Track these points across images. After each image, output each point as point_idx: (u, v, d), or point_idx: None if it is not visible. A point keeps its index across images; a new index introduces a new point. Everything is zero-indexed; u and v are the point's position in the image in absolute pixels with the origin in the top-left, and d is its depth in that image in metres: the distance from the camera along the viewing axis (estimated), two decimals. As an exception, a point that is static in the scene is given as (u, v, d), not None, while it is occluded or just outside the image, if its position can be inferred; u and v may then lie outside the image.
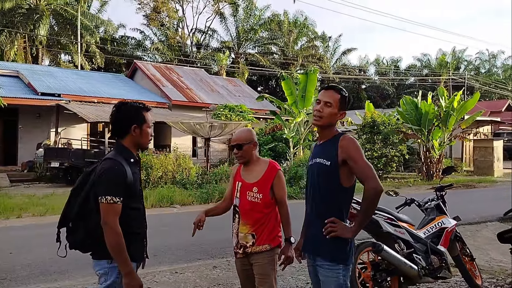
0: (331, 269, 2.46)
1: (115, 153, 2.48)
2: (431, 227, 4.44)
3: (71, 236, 2.47)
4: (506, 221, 10.69)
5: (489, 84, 43.99)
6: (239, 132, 3.16)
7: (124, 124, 2.50)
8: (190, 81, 24.59)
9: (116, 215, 2.32)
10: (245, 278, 3.11)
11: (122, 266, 2.33)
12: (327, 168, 2.46)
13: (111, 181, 2.34)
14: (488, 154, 21.62)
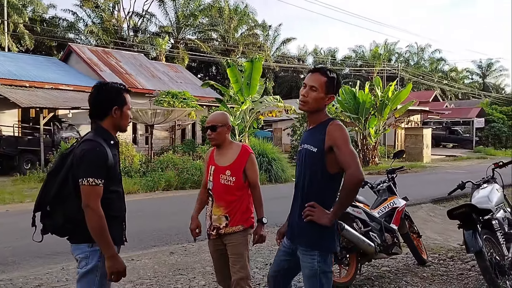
0: (306, 254, 2.45)
1: (94, 135, 2.40)
2: (384, 207, 4.73)
3: (48, 220, 2.38)
4: (438, 203, 11.59)
5: (417, 76, 46.73)
6: (215, 114, 3.18)
7: (104, 106, 2.43)
8: (130, 66, 23.77)
9: (98, 197, 2.27)
10: (218, 258, 3.17)
11: (105, 249, 2.28)
12: (314, 154, 2.41)
13: (93, 162, 2.28)
14: (418, 141, 23.11)
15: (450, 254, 5.31)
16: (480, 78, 59.56)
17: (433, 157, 24.51)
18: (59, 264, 5.34)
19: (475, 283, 4.29)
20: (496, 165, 4.86)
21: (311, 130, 2.53)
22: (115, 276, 2.32)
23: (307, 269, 2.45)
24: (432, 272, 4.68)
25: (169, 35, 38.41)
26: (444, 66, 56.56)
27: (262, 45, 42.90)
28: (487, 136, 34.53)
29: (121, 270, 2.33)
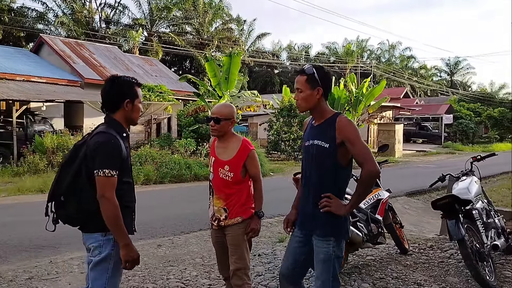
0: (323, 240, 2.57)
1: (107, 127, 2.45)
2: (370, 198, 4.92)
3: (62, 210, 2.43)
4: (412, 196, 12.01)
5: (389, 72, 47.74)
6: (220, 106, 3.16)
7: (117, 99, 2.48)
8: (104, 58, 23.33)
9: (113, 188, 2.32)
10: (218, 248, 3.22)
11: (120, 238, 2.35)
12: (326, 149, 2.50)
13: (108, 154, 2.33)
14: (391, 136, 23.71)
15: (429, 244, 5.56)
16: (448, 76, 61.34)
17: (405, 152, 25.21)
18: (46, 257, 5.31)
19: (455, 269, 4.54)
20: (474, 158, 5.13)
21: (319, 126, 2.60)
22: (130, 264, 2.39)
23: (322, 254, 2.56)
24: (414, 260, 4.91)
25: (142, 27, 37.80)
26: (414, 63, 58.00)
27: (237, 40, 42.82)
28: (455, 132, 35.74)
29: (136, 258, 2.40)
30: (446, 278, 4.30)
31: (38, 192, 10.55)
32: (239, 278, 3.00)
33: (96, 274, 2.42)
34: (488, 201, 4.88)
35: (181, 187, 12.07)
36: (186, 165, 13.44)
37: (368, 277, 4.36)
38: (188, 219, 7.67)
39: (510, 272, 4.39)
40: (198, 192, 11.15)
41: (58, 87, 18.81)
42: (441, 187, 11.90)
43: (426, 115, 37.00)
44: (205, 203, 10.17)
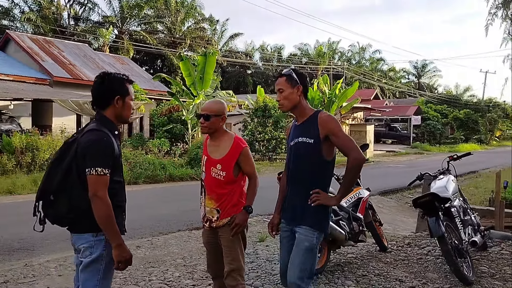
0: (309, 230, 2.67)
1: (99, 125, 2.39)
2: (351, 197, 4.99)
3: (52, 210, 2.35)
4: (385, 195, 12.27)
5: (359, 74, 48.60)
6: (210, 102, 3.09)
7: (107, 95, 2.42)
8: (73, 56, 22.74)
9: (105, 186, 2.27)
10: (210, 250, 3.16)
11: (112, 238, 2.29)
12: (311, 145, 2.63)
13: (100, 152, 2.28)
14: (362, 137, 24.11)
15: (407, 241, 5.69)
16: (416, 78, 62.98)
17: (375, 152, 25.70)
18: (21, 260, 5.12)
19: (433, 266, 4.66)
20: (451, 158, 5.28)
21: (302, 125, 2.74)
22: (122, 265, 2.34)
23: (307, 242, 2.64)
24: (394, 257, 5.01)
25: (113, 25, 37.11)
26: (383, 66, 59.27)
27: (209, 39, 42.62)
28: (423, 133, 36.73)
29: (128, 258, 2.35)
30: (426, 274, 4.41)
31: (6, 193, 10.17)
32: (233, 279, 2.95)
33: (87, 275, 2.35)
34: (464, 199, 5.05)
35: (156, 188, 11.91)
36: (161, 166, 13.26)
37: (351, 274, 4.42)
38: (166, 220, 7.57)
39: (486, 268, 4.55)
40: (173, 193, 11.04)
41: (26, 85, 18.22)
42: (413, 186, 12.25)
43: (396, 116, 37.89)
44: (181, 204, 10.09)
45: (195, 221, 7.46)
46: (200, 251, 5.56)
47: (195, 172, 13.32)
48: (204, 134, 3.14)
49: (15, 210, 8.13)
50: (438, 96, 53.32)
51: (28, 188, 10.29)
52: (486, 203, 10.44)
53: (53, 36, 29.37)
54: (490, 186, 12.97)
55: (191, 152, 14.41)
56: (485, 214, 6.32)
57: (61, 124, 15.99)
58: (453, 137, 38.47)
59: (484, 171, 18.06)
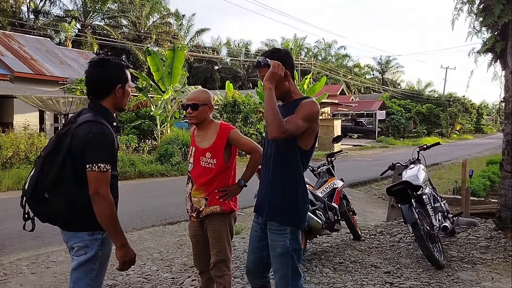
0: (279, 233, 2.45)
1: (97, 116, 2.21)
2: (326, 187, 5.10)
3: (44, 208, 2.18)
4: (354, 187, 12.55)
5: (326, 70, 49.27)
6: (196, 92, 3.04)
7: (108, 84, 2.25)
8: (35, 51, 21.93)
9: (108, 183, 2.13)
10: (196, 242, 3.11)
11: (116, 238, 2.17)
12: None
13: (103, 147, 2.13)
14: (330, 132, 24.52)
15: (379, 230, 5.86)
16: (380, 74, 64.47)
17: (342, 147, 26.14)
18: (-10, 260, 4.94)
19: (406, 252, 4.83)
20: (420, 148, 5.47)
21: (284, 106, 2.51)
22: (127, 265, 2.24)
23: (279, 248, 2.44)
24: (367, 245, 5.16)
25: (75, 19, 36.02)
26: (348, 62, 60.34)
27: (176, 35, 42.10)
28: (387, 127, 37.70)
29: (133, 258, 2.25)
30: (399, 260, 4.56)
31: (-33, 193, 9.74)
32: (219, 270, 2.93)
33: (80, 274, 2.24)
34: (433, 187, 5.25)
35: (126, 184, 11.68)
36: (130, 162, 13.02)
37: (328, 262, 4.52)
38: (139, 216, 7.47)
39: (456, 252, 4.75)
40: (145, 189, 10.88)
41: (-16, 81, 17.44)
42: (381, 178, 12.61)
43: (361, 111, 38.69)
44: (154, 200, 9.96)
45: (169, 216, 7.41)
46: (176, 245, 5.54)
47: (165, 168, 13.17)
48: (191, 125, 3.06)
49: (-21, 210, 7.81)
50: (401, 91, 54.83)
51: (-9, 187, 9.90)
52: (449, 193, 10.89)
53: (12, 30, 28.22)
54: (452, 177, 13.52)
55: (161, 148, 14.22)
56: (451, 202, 6.60)
57: (23, 121, 15.42)
58: (416, 131, 39.69)
59: (447, 163, 18.78)
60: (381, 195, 11.96)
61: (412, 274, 4.13)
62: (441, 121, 40.99)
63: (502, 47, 5.21)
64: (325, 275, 4.15)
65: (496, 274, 4.16)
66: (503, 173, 5.41)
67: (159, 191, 10.36)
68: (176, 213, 7.38)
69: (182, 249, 5.27)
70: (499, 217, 5.38)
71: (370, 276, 4.08)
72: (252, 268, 2.67)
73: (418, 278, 4.02)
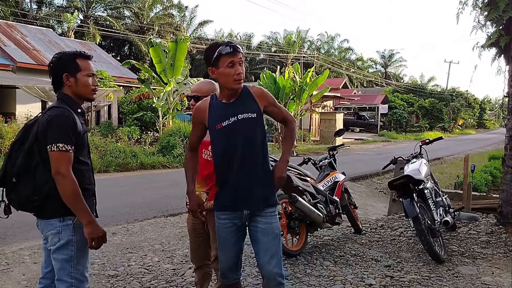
0: (271, 215, 2.53)
1: (60, 102, 2.31)
2: (327, 181, 5.11)
3: (15, 194, 2.25)
4: (355, 181, 12.55)
5: (328, 63, 49.09)
6: (201, 83, 3.00)
7: (56, 73, 2.32)
8: (37, 41, 21.91)
9: (69, 163, 2.16)
10: (194, 237, 3.08)
11: (81, 215, 2.17)
12: (255, 120, 2.48)
13: (62, 127, 2.18)
14: (332, 125, 24.50)
15: (380, 224, 5.87)
16: (383, 68, 64.22)
17: (344, 140, 26.13)
18: (-7, 249, 4.97)
19: (406, 246, 4.84)
20: (423, 142, 5.46)
21: (236, 101, 2.50)
22: (96, 242, 2.23)
23: (276, 229, 2.52)
24: (368, 239, 5.17)
25: (78, 10, 35.91)
26: (351, 55, 60.07)
27: (178, 26, 41.94)
28: (390, 121, 37.63)
29: (101, 235, 2.24)
30: (400, 254, 4.57)
31: (-30, 182, 9.78)
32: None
33: (59, 264, 2.25)
34: (435, 182, 5.24)
35: (128, 176, 11.73)
36: (132, 154, 13.05)
37: (328, 255, 4.53)
38: (140, 207, 7.50)
39: (456, 246, 4.76)
40: (146, 181, 10.92)
41: (-13, 71, 17.44)
42: (383, 172, 12.61)
43: (364, 105, 38.58)
44: (155, 191, 9.99)
45: (170, 207, 7.43)
46: (177, 237, 5.56)
47: (167, 160, 13.20)
48: None
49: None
50: (404, 86, 54.64)
51: (-7, 177, 9.94)
52: (451, 187, 10.89)
53: (14, 21, 28.16)
54: (454, 172, 13.50)
55: (163, 140, 14.24)
56: (452, 197, 6.59)
57: (26, 112, 15.43)
58: (418, 125, 39.63)
59: (449, 158, 18.75)
60: (383, 189, 11.97)
61: (412, 268, 4.14)
62: (444, 115, 40.89)
63: (507, 41, 5.17)
64: (325, 268, 4.16)
65: (496, 268, 4.16)
66: (505, 168, 5.40)
67: (161, 182, 10.39)
68: (178, 205, 7.39)
69: (183, 240, 5.29)
70: (500, 212, 5.38)
71: (370, 270, 4.09)
72: (233, 264, 2.63)
73: (419, 272, 4.03)
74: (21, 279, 4.04)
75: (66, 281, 2.25)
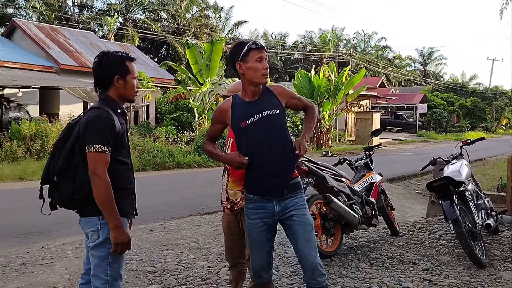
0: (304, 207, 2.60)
1: (101, 103, 2.35)
2: (363, 182, 5.03)
3: (57, 192, 2.32)
4: (392, 182, 12.29)
5: (365, 62, 48.27)
6: (237, 83, 2.99)
7: (106, 76, 2.35)
8: (79, 44, 22.73)
9: (105, 164, 2.21)
10: (229, 235, 3.11)
11: (110, 218, 2.22)
12: (279, 115, 2.57)
13: (99, 129, 2.23)
14: (368, 125, 24.06)
15: (418, 226, 5.73)
16: (421, 66, 62.50)
17: (381, 140, 25.61)
18: (37, 243, 5.21)
19: (446, 249, 4.70)
20: (464, 142, 5.29)
21: (259, 99, 2.59)
22: (120, 248, 2.27)
23: (311, 221, 2.63)
24: (406, 241, 5.05)
25: (117, 13, 36.98)
26: (389, 53, 58.80)
27: (214, 27, 42.41)
28: (429, 121, 36.57)
29: (126, 241, 2.27)
30: (439, 257, 4.45)
31: (17, 179, 10.29)
32: None
33: (96, 260, 2.31)
34: (476, 184, 5.06)
35: (165, 175, 11.99)
36: (169, 153, 13.33)
37: (364, 257, 4.47)
38: (177, 205, 7.65)
39: (499, 251, 4.58)
40: (183, 179, 11.12)
41: (33, 73, 18.27)
42: (421, 173, 12.28)
43: (401, 104, 37.68)
44: (191, 190, 10.14)
45: (206, 206, 7.54)
46: (213, 235, 5.63)
47: (202, 159, 13.38)
48: None
49: (28, 195, 8.18)
50: (444, 84, 52.98)
51: (38, 174, 10.35)
52: (493, 190, 10.46)
53: (58, 24, 29.34)
54: (497, 174, 12.96)
55: (198, 139, 14.44)
56: (495, 200, 6.33)
57: (68, 112, 16.05)
58: (459, 125, 38.29)
59: (491, 159, 18.04)
60: (421, 190, 11.66)
61: (452, 272, 4.02)
62: (486, 115, 39.31)
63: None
64: (361, 270, 4.10)
65: (542, 275, 3.98)
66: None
67: (197, 181, 10.55)
68: (213, 203, 7.48)
69: (218, 239, 5.35)
70: (547, 216, 5.13)
71: (408, 273, 4.01)
72: (265, 263, 2.66)
73: (458, 276, 3.90)
74: (64, 272, 4.21)
75: (101, 277, 2.31)
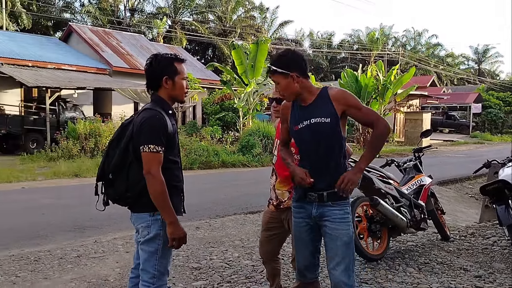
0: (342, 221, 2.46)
1: (153, 104, 2.42)
2: (412, 184, 4.89)
3: (111, 189, 2.43)
4: (443, 185, 11.85)
5: (415, 60, 46.80)
6: None
7: (156, 77, 2.43)
8: (130, 47, 23.58)
9: (159, 164, 2.29)
10: (266, 230, 3.14)
11: (166, 215, 2.30)
12: (328, 124, 2.44)
13: (154, 129, 2.30)
14: (418, 125, 23.33)
15: (470, 231, 5.49)
16: (476, 64, 59.75)
17: (432, 141, 24.73)
18: (90, 237, 5.46)
19: (500, 256, 4.48)
20: (521, 144, 5.01)
21: (311, 105, 2.51)
22: (176, 243, 2.34)
23: (345, 236, 2.45)
24: (457, 246, 4.86)
25: (166, 16, 38.04)
26: (440, 51, 56.65)
27: (259, 28, 42.64)
28: (483, 122, 34.88)
29: (182, 236, 2.36)
30: (492, 264, 4.25)
31: (73, 176, 10.82)
32: None
33: (146, 255, 2.40)
34: (535, 188, 4.78)
35: (210, 173, 12.20)
36: (214, 152, 13.56)
37: (412, 262, 4.34)
38: (222, 204, 7.76)
39: (560, 260, 4.31)
40: (228, 178, 11.27)
41: (88, 75, 19.15)
42: (474, 176, 11.73)
43: (454, 104, 36.18)
44: (236, 189, 10.25)
45: (250, 205, 7.60)
46: (256, 234, 5.66)
47: (246, 159, 13.50)
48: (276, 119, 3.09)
49: (82, 192, 8.62)
50: (500, 83, 50.32)
51: (92, 172, 10.86)
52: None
53: (110, 28, 30.58)
54: (559, 178, 12.18)
55: (243, 139, 14.59)
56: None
57: (120, 112, 16.70)
58: (516, 126, 36.27)
59: (553, 162, 16.94)
60: (474, 194, 11.15)
61: (506, 280, 3.82)
62: (547, 115, 36.98)
63: None
64: (408, 274, 3.99)
65: None
66: None
67: (241, 180, 10.65)
68: (257, 203, 7.53)
69: (262, 238, 5.38)
70: None
71: (458, 279, 3.85)
72: (309, 263, 2.64)
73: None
74: (115, 266, 4.39)
75: (150, 272, 2.39)
